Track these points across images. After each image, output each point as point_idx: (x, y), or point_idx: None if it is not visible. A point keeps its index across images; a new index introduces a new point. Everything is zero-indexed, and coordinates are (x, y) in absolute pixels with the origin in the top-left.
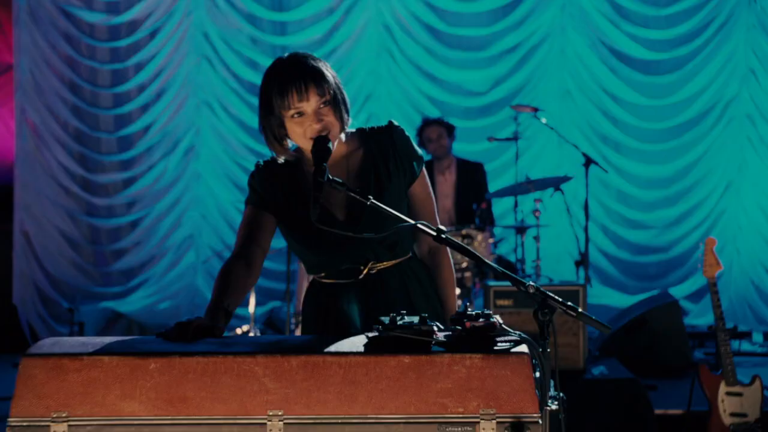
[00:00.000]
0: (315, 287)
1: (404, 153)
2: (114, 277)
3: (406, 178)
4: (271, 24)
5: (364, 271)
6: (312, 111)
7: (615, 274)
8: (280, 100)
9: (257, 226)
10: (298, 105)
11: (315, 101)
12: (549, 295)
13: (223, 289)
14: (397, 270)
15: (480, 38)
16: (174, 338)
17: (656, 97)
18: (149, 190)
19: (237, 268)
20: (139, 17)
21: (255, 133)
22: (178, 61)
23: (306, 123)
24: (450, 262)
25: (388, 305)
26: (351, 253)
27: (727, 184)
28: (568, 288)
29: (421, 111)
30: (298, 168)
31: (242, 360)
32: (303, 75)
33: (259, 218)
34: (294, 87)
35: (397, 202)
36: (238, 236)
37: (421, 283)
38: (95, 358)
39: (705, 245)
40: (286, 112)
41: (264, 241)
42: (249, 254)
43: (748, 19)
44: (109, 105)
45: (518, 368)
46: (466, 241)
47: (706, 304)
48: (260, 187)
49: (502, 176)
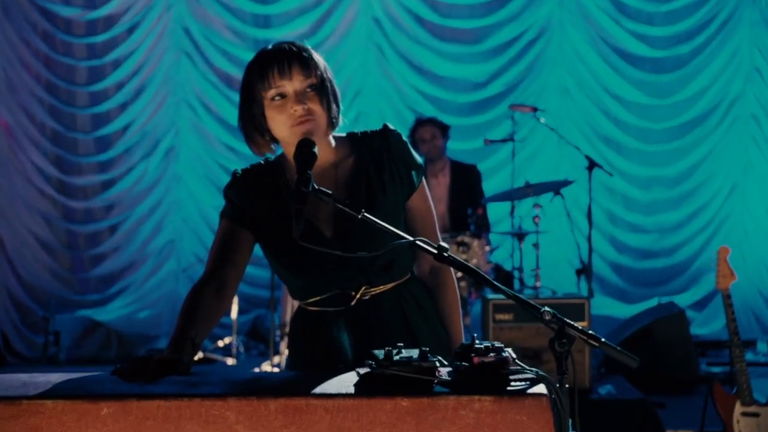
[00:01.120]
0: (301, 314)
1: (401, 161)
2: (92, 284)
3: (404, 190)
4: (253, 17)
5: (355, 297)
6: (294, 92)
7: (616, 281)
8: (260, 80)
9: (232, 243)
10: (279, 83)
11: (299, 81)
12: (567, 323)
13: (190, 317)
14: (394, 294)
15: (474, 31)
16: (131, 376)
17: (657, 96)
18: (128, 192)
19: (207, 292)
20: (116, 12)
21: (238, 133)
22: (158, 58)
23: (287, 106)
24: (454, 282)
25: (383, 335)
26: (340, 277)
27: (732, 186)
28: (573, 301)
29: (412, 107)
30: (279, 177)
31: (211, 404)
32: (287, 53)
33: (234, 234)
34: (276, 64)
35: (392, 216)
36: (210, 254)
37: (422, 308)
38: (36, 403)
39: (718, 254)
40: (266, 93)
41: (239, 261)
42: (221, 276)
43: (752, 16)
44: (86, 104)
45: (536, 413)
46: (461, 248)
47: (710, 313)
48: (237, 198)
49: (496, 177)
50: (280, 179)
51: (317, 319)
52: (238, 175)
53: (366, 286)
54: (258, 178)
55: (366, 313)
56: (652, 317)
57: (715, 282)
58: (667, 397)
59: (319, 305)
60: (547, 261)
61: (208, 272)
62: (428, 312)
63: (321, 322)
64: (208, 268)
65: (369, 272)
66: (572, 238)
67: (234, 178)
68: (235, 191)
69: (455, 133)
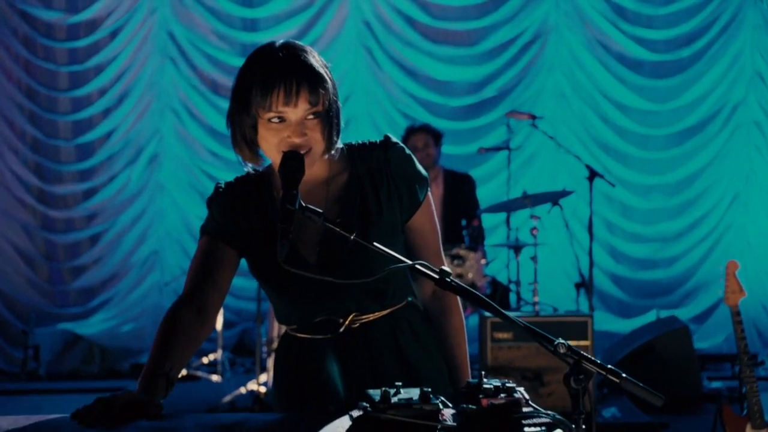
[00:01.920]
0: (287, 341)
1: (402, 176)
2: (72, 297)
3: (404, 208)
4: (240, 20)
5: (344, 324)
6: (296, 120)
7: (614, 294)
8: (261, 98)
9: (214, 262)
10: (281, 109)
11: (303, 109)
12: (584, 356)
13: (165, 347)
14: (386, 322)
15: (467, 34)
16: (92, 422)
17: (656, 102)
18: (111, 202)
19: (186, 316)
20: (99, 15)
21: (224, 140)
22: (142, 63)
23: (284, 133)
24: (460, 306)
25: (375, 366)
26: (328, 302)
27: (734, 195)
28: (575, 319)
29: (404, 112)
30: (266, 191)
31: None
32: (297, 73)
33: (216, 252)
34: (282, 85)
35: (388, 238)
36: (190, 274)
37: (418, 337)
38: None
39: (726, 269)
40: (264, 114)
41: (222, 281)
42: (202, 299)
43: (754, 19)
44: (68, 110)
45: None
46: (456, 262)
47: (711, 326)
48: (220, 213)
49: (490, 185)
50: (267, 193)
51: (304, 346)
52: (221, 188)
53: (356, 313)
54: (243, 191)
55: (355, 343)
56: (653, 333)
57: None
58: (671, 416)
59: (305, 332)
60: (544, 274)
61: (186, 293)
62: (425, 341)
63: (308, 350)
64: (187, 289)
65: (360, 298)
66: (571, 250)
67: (216, 191)
68: (218, 205)
69: (448, 138)
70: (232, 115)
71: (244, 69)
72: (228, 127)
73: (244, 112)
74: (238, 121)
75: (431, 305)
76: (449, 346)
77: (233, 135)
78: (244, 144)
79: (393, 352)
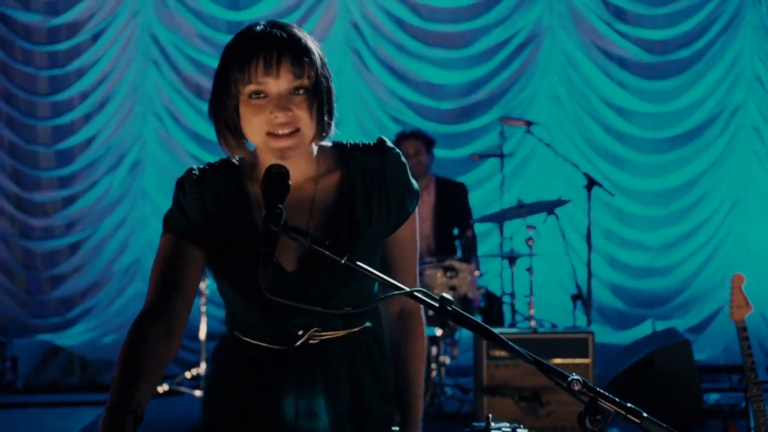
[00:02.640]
0: (230, 345)
1: (396, 185)
2: (51, 307)
3: (392, 219)
4: (225, 23)
5: (302, 337)
6: (278, 93)
7: (609, 303)
8: (239, 71)
9: (182, 264)
10: (261, 80)
11: (286, 81)
12: (601, 394)
13: (130, 379)
14: (345, 343)
15: (458, 35)
16: None
17: (653, 106)
18: (91, 209)
19: (152, 338)
20: (80, 18)
21: (208, 145)
22: (124, 66)
23: (266, 109)
24: (424, 329)
25: (327, 386)
26: (293, 315)
27: (733, 202)
28: (575, 336)
29: (393, 115)
30: (246, 183)
31: None
32: (278, 41)
33: (184, 253)
34: (261, 55)
35: (373, 251)
36: (154, 279)
37: (373, 365)
38: None
39: (731, 282)
40: (244, 88)
41: (189, 288)
42: (169, 310)
43: (752, 21)
44: (47, 115)
45: None
46: (448, 274)
47: (709, 337)
48: (191, 205)
49: (481, 191)
50: (247, 186)
51: (251, 354)
52: (195, 175)
53: (317, 328)
54: (218, 180)
55: (310, 359)
56: (653, 346)
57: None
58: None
59: (258, 339)
60: (539, 286)
61: (151, 305)
62: (379, 370)
63: (256, 359)
64: (152, 299)
65: (326, 314)
66: (567, 261)
67: (189, 178)
68: (189, 196)
69: (438, 142)
70: (214, 101)
71: (223, 52)
72: (210, 117)
73: (224, 92)
74: (220, 107)
75: (396, 324)
76: (406, 375)
77: (216, 124)
78: (228, 132)
79: (346, 375)
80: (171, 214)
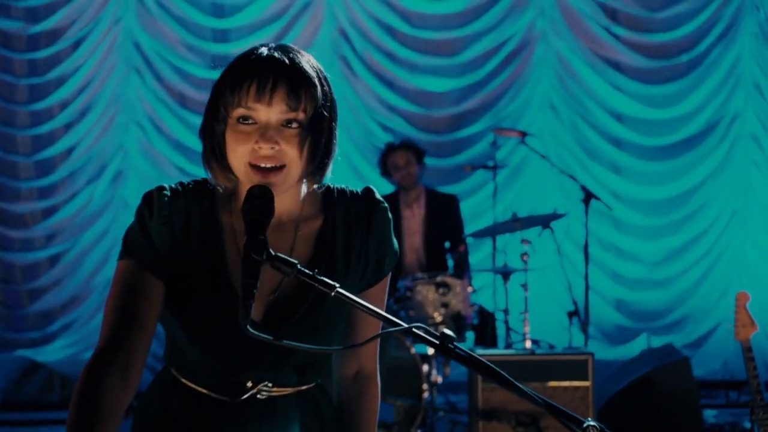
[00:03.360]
0: (166, 384)
1: (378, 242)
2: (30, 321)
3: (366, 276)
4: (211, 31)
5: (251, 390)
6: (267, 123)
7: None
8: (230, 93)
9: (143, 297)
10: (251, 104)
11: (279, 111)
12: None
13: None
14: (295, 401)
15: (448, 43)
16: None
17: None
18: (72, 220)
19: (109, 384)
20: (61, 25)
21: (192, 155)
22: (106, 75)
23: (252, 138)
24: (378, 392)
25: None
26: (247, 365)
27: (732, 212)
28: (574, 357)
29: (382, 124)
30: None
31: None
32: (276, 66)
33: (145, 284)
34: (256, 78)
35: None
36: (111, 313)
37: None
38: None
39: (736, 300)
40: (233, 111)
41: (149, 323)
42: (128, 350)
43: (750, 28)
44: (27, 124)
45: None
46: (441, 290)
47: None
48: (157, 229)
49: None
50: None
51: (190, 399)
52: (166, 196)
53: (267, 382)
54: (191, 205)
55: (256, 415)
56: (651, 364)
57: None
58: None
59: (199, 384)
60: (534, 302)
61: (107, 342)
62: (328, 426)
63: (195, 406)
64: (108, 335)
65: (280, 368)
66: (563, 275)
67: (159, 198)
68: (157, 220)
69: (428, 151)
70: (204, 124)
71: (222, 72)
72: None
73: (214, 117)
74: (209, 131)
75: (350, 386)
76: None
77: (203, 148)
78: (214, 158)
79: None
80: (133, 237)
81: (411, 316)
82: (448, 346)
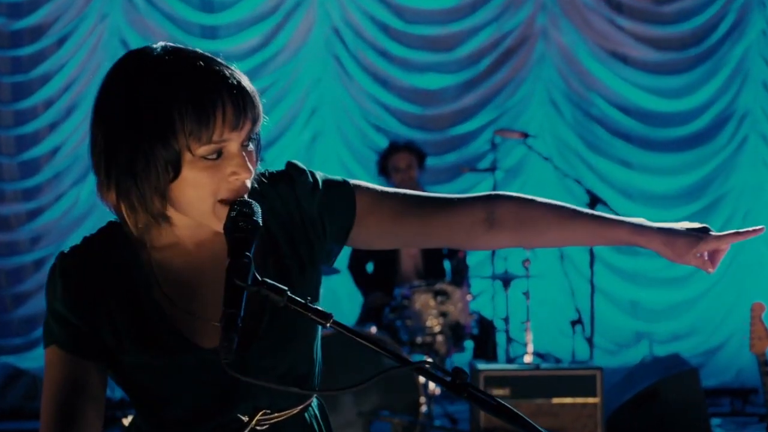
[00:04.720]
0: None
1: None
2: (14, 327)
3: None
4: (200, 28)
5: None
6: (237, 150)
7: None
8: (197, 123)
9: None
10: (228, 136)
11: (246, 132)
12: None
13: None
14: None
15: (444, 39)
16: None
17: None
18: (57, 223)
19: None
20: (45, 21)
21: None
22: (92, 72)
23: (225, 171)
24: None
25: None
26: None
27: (744, 214)
28: (582, 372)
29: (376, 124)
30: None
31: None
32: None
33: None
34: (230, 102)
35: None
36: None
37: None
38: None
39: (751, 311)
40: (198, 147)
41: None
42: None
43: (758, 24)
44: (10, 124)
45: None
46: (439, 298)
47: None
48: (75, 309)
49: None
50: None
51: None
52: (71, 260)
53: (266, 410)
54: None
55: None
56: (657, 375)
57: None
58: None
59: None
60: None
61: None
62: None
63: None
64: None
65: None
66: (566, 282)
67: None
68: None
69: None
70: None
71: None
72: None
73: (161, 144)
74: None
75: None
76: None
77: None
78: (155, 196)
79: None
80: (51, 325)
81: (408, 326)
82: (462, 384)
